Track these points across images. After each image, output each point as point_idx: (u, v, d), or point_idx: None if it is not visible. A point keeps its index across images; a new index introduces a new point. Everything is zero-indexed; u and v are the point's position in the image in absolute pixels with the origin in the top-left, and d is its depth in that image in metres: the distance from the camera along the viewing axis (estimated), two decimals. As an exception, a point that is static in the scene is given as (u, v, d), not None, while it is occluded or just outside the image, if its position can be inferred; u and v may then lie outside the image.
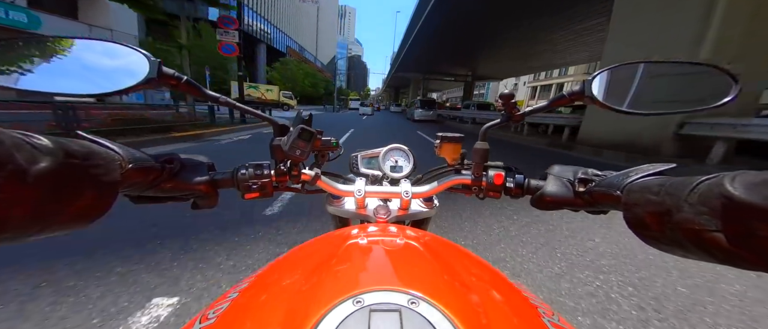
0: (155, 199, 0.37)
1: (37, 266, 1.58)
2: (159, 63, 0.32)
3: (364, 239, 0.35)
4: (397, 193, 0.48)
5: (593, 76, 0.36)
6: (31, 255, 1.65)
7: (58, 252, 1.70)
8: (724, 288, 1.63)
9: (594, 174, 0.36)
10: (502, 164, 0.47)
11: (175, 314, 1.32)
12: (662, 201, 0.23)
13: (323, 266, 0.29)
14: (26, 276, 1.50)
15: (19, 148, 0.18)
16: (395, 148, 0.61)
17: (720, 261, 0.20)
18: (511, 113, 0.42)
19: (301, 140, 0.39)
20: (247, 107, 0.44)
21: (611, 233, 2.30)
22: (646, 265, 1.85)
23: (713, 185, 0.20)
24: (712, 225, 0.19)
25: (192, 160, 0.40)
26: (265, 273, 0.32)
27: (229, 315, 0.24)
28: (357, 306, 0.20)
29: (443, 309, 0.20)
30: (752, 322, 1.39)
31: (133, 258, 1.72)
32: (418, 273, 0.28)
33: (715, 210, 0.19)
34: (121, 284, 1.49)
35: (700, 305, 1.49)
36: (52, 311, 1.29)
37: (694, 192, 0.21)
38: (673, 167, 0.29)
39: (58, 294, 1.39)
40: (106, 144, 0.28)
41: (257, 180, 0.42)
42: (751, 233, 0.17)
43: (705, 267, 1.72)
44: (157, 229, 2.07)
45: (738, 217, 0.18)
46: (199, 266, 1.68)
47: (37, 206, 0.19)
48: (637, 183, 0.28)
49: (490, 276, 0.31)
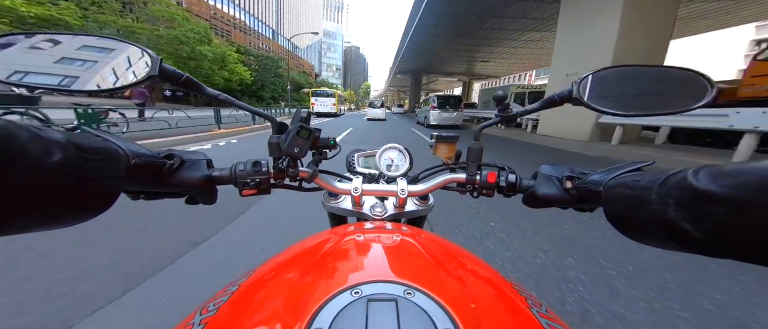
0: (152, 195, 0.37)
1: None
2: (160, 60, 0.32)
3: (361, 236, 0.36)
4: (393, 191, 0.49)
5: (581, 80, 0.37)
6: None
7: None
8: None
9: (580, 173, 0.38)
10: (495, 163, 0.48)
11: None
12: (637, 195, 0.25)
13: (321, 261, 0.30)
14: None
15: (33, 141, 0.18)
16: (392, 147, 0.62)
17: (688, 249, 0.21)
18: (504, 113, 0.44)
19: (300, 138, 0.40)
20: (245, 105, 0.44)
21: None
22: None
23: (679, 179, 0.21)
24: (678, 215, 0.21)
25: (191, 157, 0.40)
26: (263, 268, 0.32)
27: (229, 306, 0.25)
28: (355, 297, 0.21)
29: (438, 299, 0.21)
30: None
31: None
32: (413, 266, 0.29)
33: (680, 201, 0.21)
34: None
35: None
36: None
37: (662, 186, 0.22)
38: (650, 163, 0.31)
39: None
40: (111, 139, 0.28)
41: (255, 177, 0.42)
42: (711, 220, 0.19)
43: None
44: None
45: (699, 206, 0.19)
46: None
47: (47, 198, 0.20)
48: (616, 179, 0.30)
49: (482, 270, 0.32)
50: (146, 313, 1.26)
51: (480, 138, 0.48)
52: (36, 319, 1.19)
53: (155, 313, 1.26)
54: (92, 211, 0.24)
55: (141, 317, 1.24)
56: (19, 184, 0.18)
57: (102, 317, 1.23)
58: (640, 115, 0.35)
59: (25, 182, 0.18)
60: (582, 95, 0.36)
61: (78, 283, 1.40)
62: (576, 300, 1.40)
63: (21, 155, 0.17)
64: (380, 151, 0.62)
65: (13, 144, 0.17)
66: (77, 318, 1.20)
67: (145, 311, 1.27)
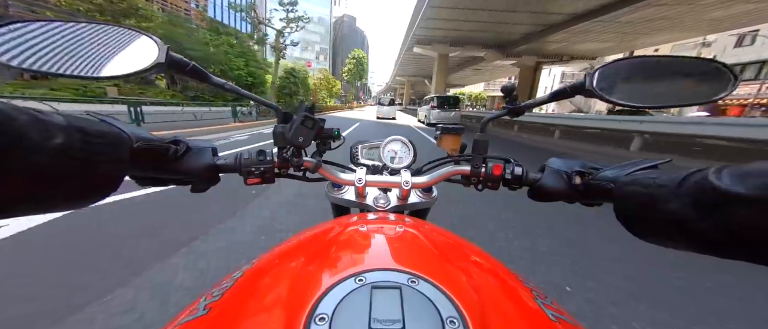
0: (158, 181, 0.38)
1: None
2: (167, 49, 0.32)
3: (364, 226, 0.36)
4: (397, 182, 0.49)
5: (594, 71, 0.36)
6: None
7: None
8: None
9: (591, 168, 0.37)
10: (501, 156, 0.47)
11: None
12: (652, 194, 0.24)
13: (325, 249, 0.30)
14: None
15: (33, 124, 0.18)
16: (396, 139, 0.62)
17: (705, 251, 0.21)
18: (512, 105, 0.43)
19: (304, 128, 0.40)
20: (251, 94, 0.44)
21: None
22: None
23: (700, 178, 0.20)
24: (697, 216, 0.20)
25: (197, 144, 0.41)
26: (267, 256, 0.32)
27: (233, 292, 0.25)
28: (359, 284, 0.21)
29: (442, 288, 0.21)
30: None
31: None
32: (417, 256, 0.29)
33: (700, 201, 0.20)
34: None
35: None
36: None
37: (681, 185, 0.22)
38: (667, 161, 0.30)
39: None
40: (115, 123, 0.29)
41: (260, 166, 0.42)
42: (732, 221, 0.18)
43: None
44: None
45: (721, 207, 0.19)
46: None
47: (49, 181, 0.20)
48: (629, 176, 0.29)
49: (487, 262, 0.32)
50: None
51: (486, 130, 0.47)
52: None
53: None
54: (96, 194, 0.24)
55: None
56: (19, 166, 0.18)
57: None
58: (655, 107, 0.34)
59: (25, 164, 0.18)
60: (594, 86, 0.35)
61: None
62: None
63: (21, 137, 0.17)
64: (384, 143, 0.61)
65: (13, 126, 0.17)
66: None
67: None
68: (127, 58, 0.32)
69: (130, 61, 0.32)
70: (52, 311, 1.26)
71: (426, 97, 20.03)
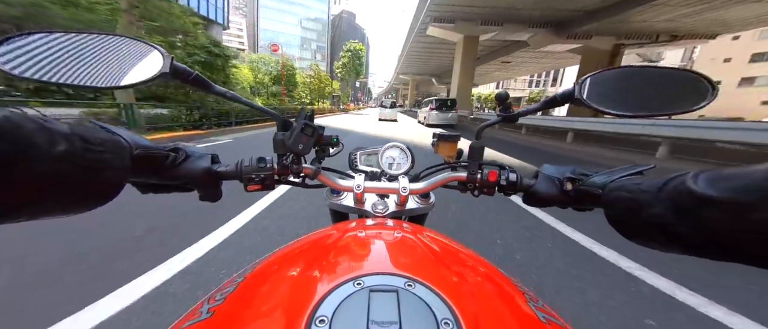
0: (159, 188, 0.38)
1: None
2: (171, 59, 0.33)
3: (363, 232, 0.37)
4: (395, 189, 0.50)
5: (583, 80, 0.37)
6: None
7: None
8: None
9: (581, 174, 0.38)
10: (496, 162, 0.49)
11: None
12: (636, 199, 0.25)
13: (324, 254, 0.31)
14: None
15: (39, 132, 0.19)
16: (394, 145, 0.63)
17: (687, 252, 0.22)
18: (506, 113, 0.44)
19: (304, 135, 0.41)
20: (252, 103, 0.45)
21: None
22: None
23: (678, 183, 0.22)
24: (676, 220, 0.21)
25: (197, 151, 0.41)
26: (268, 261, 0.33)
27: (235, 296, 0.26)
28: (358, 287, 0.22)
29: (438, 291, 0.22)
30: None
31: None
32: (414, 260, 0.30)
33: (679, 205, 0.21)
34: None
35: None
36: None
37: (662, 190, 0.23)
38: (651, 167, 0.31)
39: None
40: (116, 131, 0.29)
41: (260, 173, 0.43)
42: (709, 224, 0.19)
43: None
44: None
45: (697, 210, 0.20)
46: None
47: (53, 187, 0.20)
48: (616, 182, 0.30)
49: (482, 266, 0.33)
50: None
51: (482, 137, 0.48)
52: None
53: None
54: (97, 200, 0.25)
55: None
56: (26, 173, 0.18)
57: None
58: (641, 116, 0.35)
59: (32, 171, 0.18)
60: (584, 95, 0.37)
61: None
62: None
63: (29, 145, 0.18)
64: (382, 149, 0.63)
65: (21, 134, 0.18)
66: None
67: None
68: (133, 68, 0.33)
69: (136, 70, 0.33)
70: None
71: (425, 100, 20.18)
